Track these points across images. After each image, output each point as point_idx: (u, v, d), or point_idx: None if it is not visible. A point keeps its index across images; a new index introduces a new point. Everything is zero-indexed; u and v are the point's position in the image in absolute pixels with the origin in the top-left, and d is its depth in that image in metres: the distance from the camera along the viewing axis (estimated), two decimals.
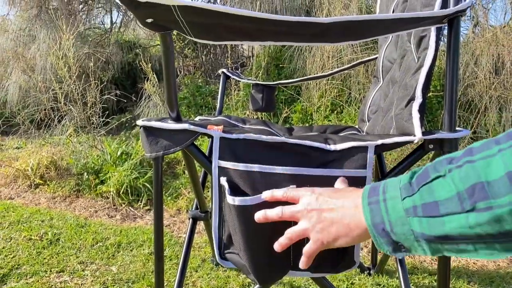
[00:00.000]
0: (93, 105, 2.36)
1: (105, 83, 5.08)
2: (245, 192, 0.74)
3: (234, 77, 1.42)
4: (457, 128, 0.77)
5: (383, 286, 1.28)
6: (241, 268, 0.77)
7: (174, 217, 1.96)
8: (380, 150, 0.78)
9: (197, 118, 1.22)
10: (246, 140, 0.76)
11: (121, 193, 2.17)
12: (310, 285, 1.28)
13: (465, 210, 0.35)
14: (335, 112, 3.29)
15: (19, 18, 4.64)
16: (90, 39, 4.72)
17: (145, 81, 2.74)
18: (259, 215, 0.61)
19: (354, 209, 0.47)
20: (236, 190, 0.74)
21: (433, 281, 1.30)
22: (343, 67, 1.45)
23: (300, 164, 0.74)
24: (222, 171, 0.75)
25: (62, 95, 2.29)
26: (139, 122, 0.79)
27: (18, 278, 1.29)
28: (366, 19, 0.67)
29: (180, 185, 2.27)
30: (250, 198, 0.69)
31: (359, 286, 1.28)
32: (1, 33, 4.48)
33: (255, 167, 0.73)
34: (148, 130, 0.78)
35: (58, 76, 2.67)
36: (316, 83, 3.19)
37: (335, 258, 0.78)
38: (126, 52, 5.92)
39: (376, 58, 1.28)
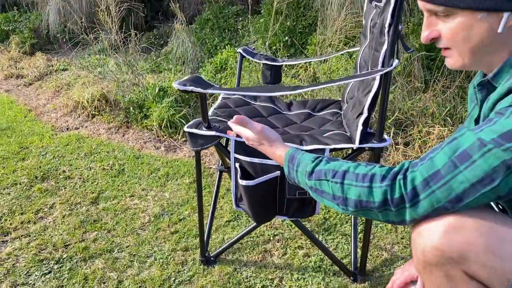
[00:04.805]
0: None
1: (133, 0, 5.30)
2: (250, 173, 1.24)
3: (249, 57, 1.80)
4: (384, 137, 1.21)
5: None
6: (247, 212, 1.33)
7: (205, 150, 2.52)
8: (333, 150, 1.24)
9: (220, 98, 1.67)
10: None
11: (162, 127, 2.72)
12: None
13: (336, 203, 0.76)
14: (348, 45, 3.53)
15: None
16: None
17: (175, 22, 3.07)
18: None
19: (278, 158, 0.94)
20: (245, 170, 1.25)
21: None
22: (335, 54, 1.81)
23: None
24: (236, 159, 1.25)
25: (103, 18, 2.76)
26: (185, 128, 1.27)
27: (105, 200, 1.93)
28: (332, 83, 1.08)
29: None
30: (252, 181, 1.20)
31: None
32: None
33: (256, 160, 1.23)
34: (191, 134, 1.26)
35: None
36: (331, 20, 3.39)
37: (302, 209, 1.31)
38: None
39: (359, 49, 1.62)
